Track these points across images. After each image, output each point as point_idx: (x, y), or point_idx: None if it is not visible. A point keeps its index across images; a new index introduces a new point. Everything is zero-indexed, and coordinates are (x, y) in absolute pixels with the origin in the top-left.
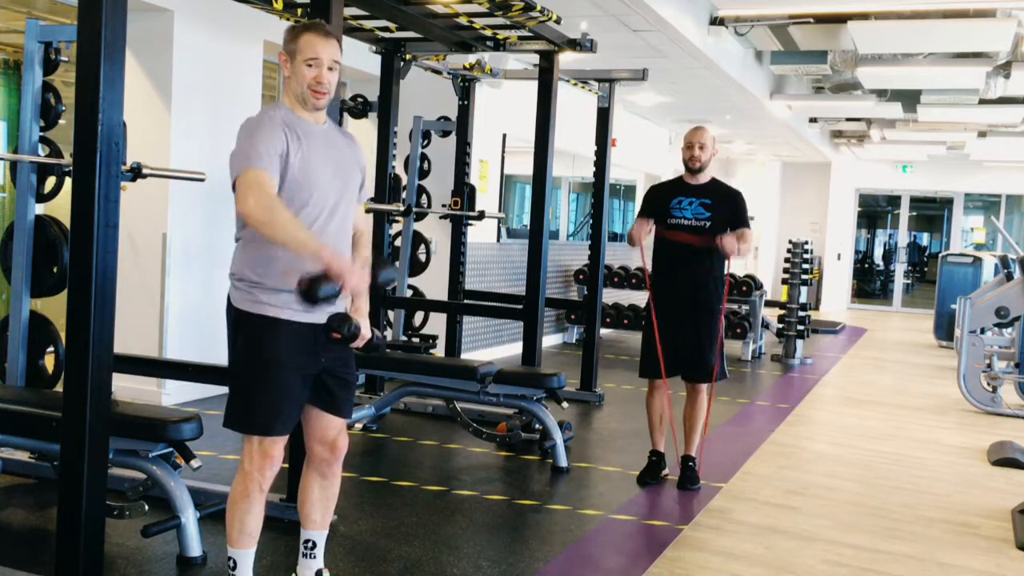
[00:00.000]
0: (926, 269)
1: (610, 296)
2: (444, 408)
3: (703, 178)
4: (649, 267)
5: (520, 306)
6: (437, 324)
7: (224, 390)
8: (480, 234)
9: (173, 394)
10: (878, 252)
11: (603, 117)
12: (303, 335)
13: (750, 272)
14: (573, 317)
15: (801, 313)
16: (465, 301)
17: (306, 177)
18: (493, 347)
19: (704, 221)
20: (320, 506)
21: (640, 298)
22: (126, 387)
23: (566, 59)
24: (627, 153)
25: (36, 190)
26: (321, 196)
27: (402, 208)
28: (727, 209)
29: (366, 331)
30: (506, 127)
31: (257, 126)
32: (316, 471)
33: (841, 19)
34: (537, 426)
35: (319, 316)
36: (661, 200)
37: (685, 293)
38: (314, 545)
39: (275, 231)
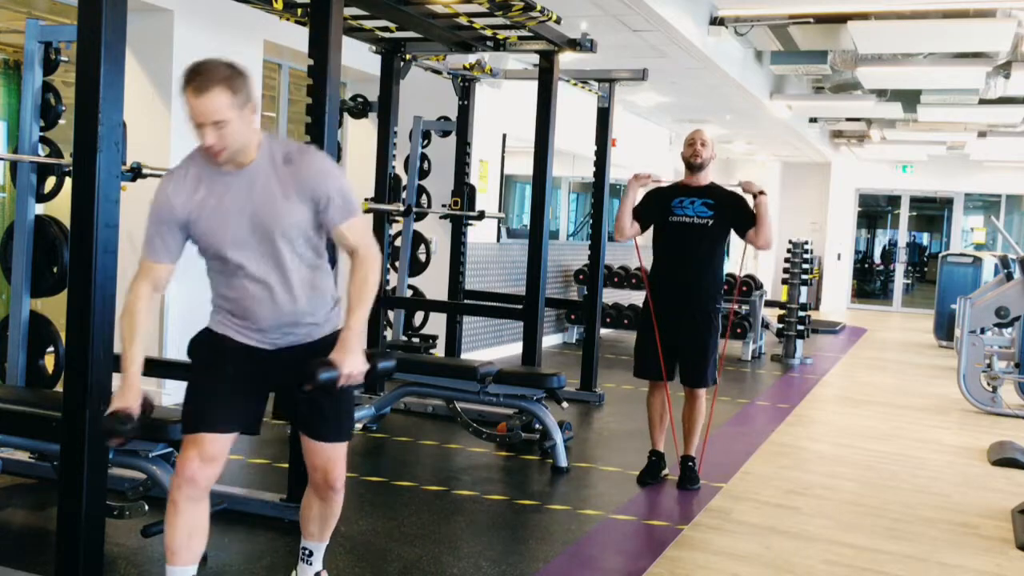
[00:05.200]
0: (926, 269)
1: (610, 296)
2: (444, 408)
3: (704, 180)
4: (648, 268)
5: (520, 306)
6: (437, 324)
7: None
8: (480, 234)
9: (173, 394)
10: (878, 252)
11: (603, 117)
12: (239, 352)
13: (750, 272)
14: (573, 317)
15: (801, 313)
16: (465, 301)
17: (213, 233)
18: (493, 347)
19: (707, 219)
20: (319, 522)
21: (640, 298)
22: None
23: (566, 59)
24: (627, 153)
25: (36, 190)
26: (234, 249)
27: (402, 208)
28: (730, 209)
29: (354, 367)
30: (506, 127)
31: (153, 205)
32: (314, 491)
33: (841, 19)
34: (537, 426)
35: (262, 341)
36: (662, 200)
37: (684, 292)
38: (311, 553)
39: (120, 331)
